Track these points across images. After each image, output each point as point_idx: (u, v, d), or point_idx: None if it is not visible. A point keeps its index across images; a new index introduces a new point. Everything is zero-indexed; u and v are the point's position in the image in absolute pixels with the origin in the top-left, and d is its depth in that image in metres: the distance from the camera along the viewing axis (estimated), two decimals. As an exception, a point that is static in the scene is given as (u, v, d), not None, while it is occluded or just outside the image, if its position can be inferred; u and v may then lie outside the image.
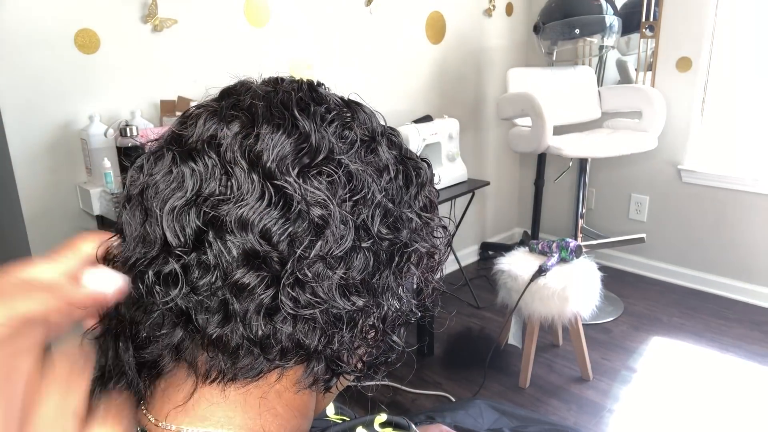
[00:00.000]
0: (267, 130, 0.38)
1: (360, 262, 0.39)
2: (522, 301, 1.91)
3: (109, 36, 1.69)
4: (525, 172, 3.32)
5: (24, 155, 1.62)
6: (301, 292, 0.37)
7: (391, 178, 0.42)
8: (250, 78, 0.45)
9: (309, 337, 0.39)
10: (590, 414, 1.91)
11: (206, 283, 0.37)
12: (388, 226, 0.41)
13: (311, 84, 0.44)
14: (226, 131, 0.39)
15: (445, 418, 0.86)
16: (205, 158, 0.38)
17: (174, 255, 0.37)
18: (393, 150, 0.44)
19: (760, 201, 2.53)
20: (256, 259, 0.37)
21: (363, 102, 0.46)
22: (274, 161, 0.37)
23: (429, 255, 0.45)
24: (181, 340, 0.39)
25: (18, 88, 1.57)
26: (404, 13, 2.48)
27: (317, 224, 0.37)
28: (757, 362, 2.17)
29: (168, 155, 0.39)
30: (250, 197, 0.37)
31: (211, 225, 0.37)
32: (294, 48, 2.15)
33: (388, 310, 0.42)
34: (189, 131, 0.40)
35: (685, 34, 2.57)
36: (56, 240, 1.70)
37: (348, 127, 0.42)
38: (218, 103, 0.41)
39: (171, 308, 0.38)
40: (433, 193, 0.46)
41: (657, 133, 2.46)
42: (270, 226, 0.37)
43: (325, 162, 0.38)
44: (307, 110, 0.40)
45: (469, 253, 3.16)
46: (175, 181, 0.38)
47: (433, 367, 2.20)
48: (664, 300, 2.68)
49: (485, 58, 2.93)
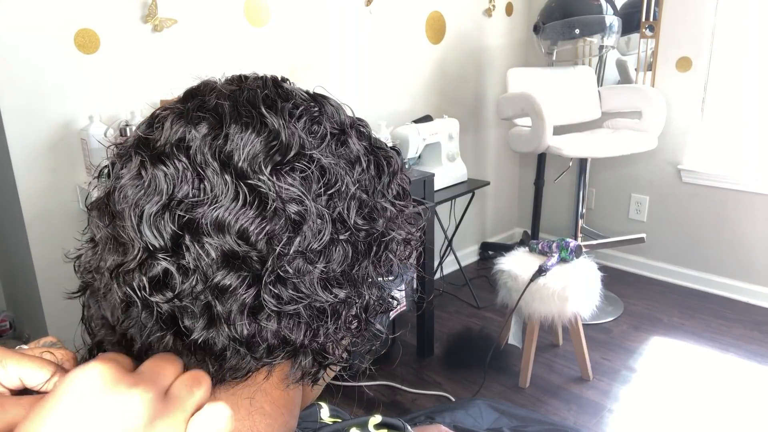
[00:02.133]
0: (235, 129, 0.38)
1: (339, 255, 0.40)
2: (522, 301, 1.91)
3: (109, 36, 1.69)
4: (525, 172, 3.32)
5: (24, 155, 1.62)
6: (283, 288, 0.38)
7: (363, 169, 0.42)
8: (212, 78, 0.44)
9: (294, 332, 0.39)
10: (590, 414, 1.90)
11: (188, 288, 0.37)
12: (364, 217, 0.41)
13: (276, 80, 0.44)
14: (194, 133, 0.38)
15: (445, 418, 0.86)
16: (175, 161, 0.37)
17: (157, 259, 0.36)
18: (363, 141, 0.44)
19: (760, 201, 2.53)
20: (236, 259, 0.37)
21: (329, 95, 0.45)
22: (246, 160, 0.37)
23: (406, 242, 0.46)
24: (172, 347, 0.39)
25: (18, 88, 1.57)
26: (404, 13, 2.48)
27: (294, 220, 0.37)
28: (757, 362, 2.17)
29: (136, 159, 0.39)
30: (224, 198, 0.36)
31: (187, 228, 0.36)
32: (294, 48, 2.15)
33: (370, 299, 0.43)
34: (156, 134, 0.39)
35: (685, 34, 2.57)
36: (56, 240, 1.70)
37: (317, 121, 0.41)
38: (183, 105, 0.41)
39: (158, 314, 0.37)
40: (405, 181, 0.47)
41: (657, 133, 2.46)
42: (247, 225, 0.36)
43: (297, 158, 0.38)
44: (275, 107, 0.40)
45: (469, 253, 3.16)
46: (147, 185, 0.37)
47: (433, 367, 2.19)
48: (664, 300, 2.68)
49: (485, 58, 2.93)
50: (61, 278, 1.69)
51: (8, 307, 2.18)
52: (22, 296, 1.97)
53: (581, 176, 2.60)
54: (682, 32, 2.57)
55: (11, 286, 2.12)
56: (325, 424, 0.65)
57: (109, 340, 0.41)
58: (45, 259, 1.71)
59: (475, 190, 2.55)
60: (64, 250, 0.47)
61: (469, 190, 2.51)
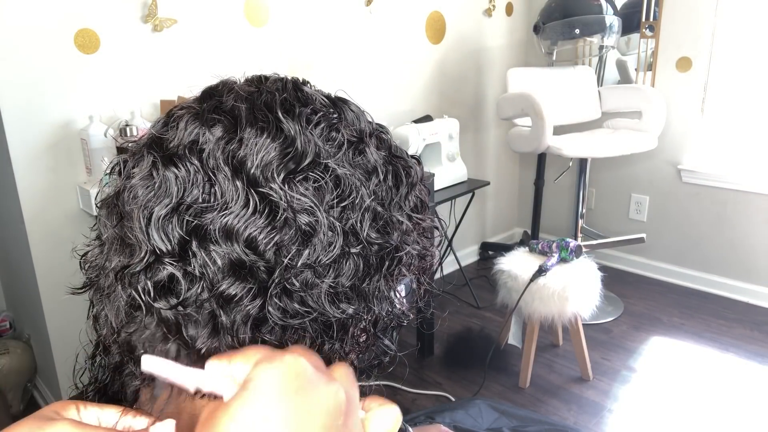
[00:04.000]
0: (250, 134, 0.37)
1: (349, 268, 0.38)
2: (522, 301, 1.91)
3: (109, 36, 1.69)
4: (525, 172, 3.32)
5: (24, 155, 1.62)
6: (288, 301, 0.36)
7: (381, 180, 0.40)
8: (232, 77, 0.43)
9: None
10: (590, 414, 1.90)
11: (193, 295, 0.36)
12: (377, 230, 0.39)
13: (296, 83, 0.43)
14: (208, 135, 0.37)
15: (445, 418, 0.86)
16: (187, 164, 0.36)
17: (163, 263, 0.36)
18: (382, 149, 0.42)
19: (760, 201, 2.52)
20: (242, 269, 0.35)
21: (350, 99, 0.44)
22: (258, 167, 0.36)
23: (421, 257, 0.44)
24: (176, 356, 0.38)
25: (18, 88, 1.57)
26: (404, 13, 2.48)
27: (304, 231, 0.36)
28: (757, 362, 2.17)
29: (148, 158, 0.38)
30: (234, 205, 0.35)
31: (195, 234, 0.35)
32: (294, 48, 2.15)
33: (380, 315, 0.41)
34: (170, 135, 0.38)
35: (685, 34, 2.57)
36: (56, 240, 1.70)
37: (335, 128, 0.40)
38: (200, 105, 0.40)
39: (163, 321, 0.36)
40: (423, 193, 0.45)
41: (657, 133, 2.46)
42: (255, 234, 0.35)
43: (311, 167, 0.37)
44: (292, 112, 0.39)
45: (469, 253, 3.16)
46: (158, 186, 0.36)
47: (433, 367, 2.19)
48: (664, 300, 2.68)
49: (485, 58, 2.93)
50: (61, 278, 1.69)
51: (8, 307, 2.18)
52: (22, 296, 1.97)
53: (581, 176, 2.60)
54: (682, 32, 2.57)
55: (11, 286, 2.12)
56: None
57: (113, 340, 0.40)
58: (45, 259, 1.71)
59: (475, 190, 2.55)
60: (73, 244, 0.46)
61: (469, 190, 2.51)
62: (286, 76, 0.43)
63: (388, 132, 0.45)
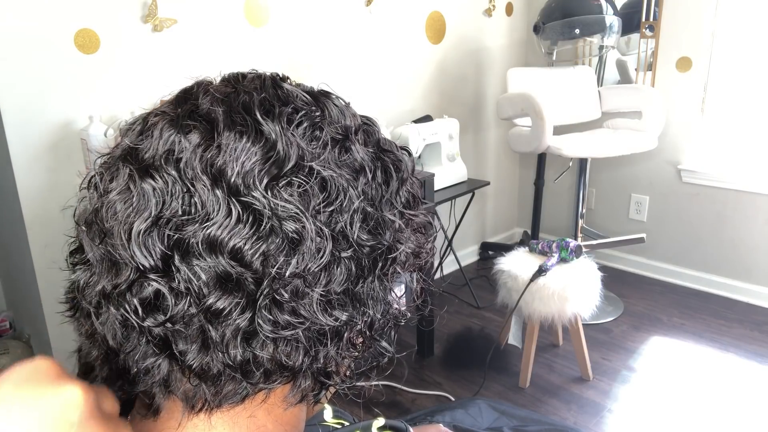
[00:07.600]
0: (228, 138, 0.35)
1: (341, 274, 0.36)
2: (522, 301, 1.91)
3: (109, 36, 1.69)
4: (525, 172, 3.32)
5: (24, 155, 1.62)
6: (279, 313, 0.35)
7: (369, 178, 0.38)
8: (208, 77, 0.41)
9: (292, 357, 0.36)
10: (590, 414, 1.90)
11: (180, 310, 0.34)
12: (368, 231, 0.38)
13: (275, 80, 0.40)
14: (184, 143, 0.35)
15: (445, 418, 0.86)
16: (165, 175, 0.34)
17: (148, 279, 0.34)
18: (369, 144, 0.40)
19: (760, 201, 2.52)
20: (229, 281, 0.34)
21: (333, 92, 0.41)
22: (239, 175, 0.34)
23: (415, 255, 0.42)
24: (168, 372, 0.37)
25: (18, 88, 1.57)
26: (404, 13, 2.48)
27: (291, 239, 0.34)
28: (757, 362, 2.17)
29: (124, 171, 0.36)
30: (216, 216, 0.34)
31: (176, 248, 0.34)
32: (294, 48, 2.15)
33: (375, 317, 0.40)
34: (145, 144, 0.36)
35: (685, 34, 2.57)
36: (56, 240, 1.70)
37: (318, 127, 0.38)
38: (175, 110, 0.37)
39: (153, 337, 0.35)
40: (415, 187, 0.43)
41: (657, 133, 2.46)
42: (240, 245, 0.34)
43: (294, 171, 0.35)
44: (272, 112, 0.37)
45: (469, 253, 3.16)
46: (136, 200, 0.35)
47: (433, 367, 2.19)
48: (664, 300, 2.68)
49: (485, 58, 2.93)
50: (61, 278, 1.68)
51: (8, 307, 2.18)
52: (22, 296, 1.97)
53: (581, 176, 2.60)
54: (682, 32, 2.57)
55: (11, 286, 2.12)
56: (329, 427, 0.65)
57: (99, 362, 0.39)
58: (45, 259, 1.71)
59: (475, 190, 2.55)
60: (69, 245, 0.45)
61: (469, 190, 2.51)
62: (264, 73, 0.41)
63: (375, 124, 0.43)
